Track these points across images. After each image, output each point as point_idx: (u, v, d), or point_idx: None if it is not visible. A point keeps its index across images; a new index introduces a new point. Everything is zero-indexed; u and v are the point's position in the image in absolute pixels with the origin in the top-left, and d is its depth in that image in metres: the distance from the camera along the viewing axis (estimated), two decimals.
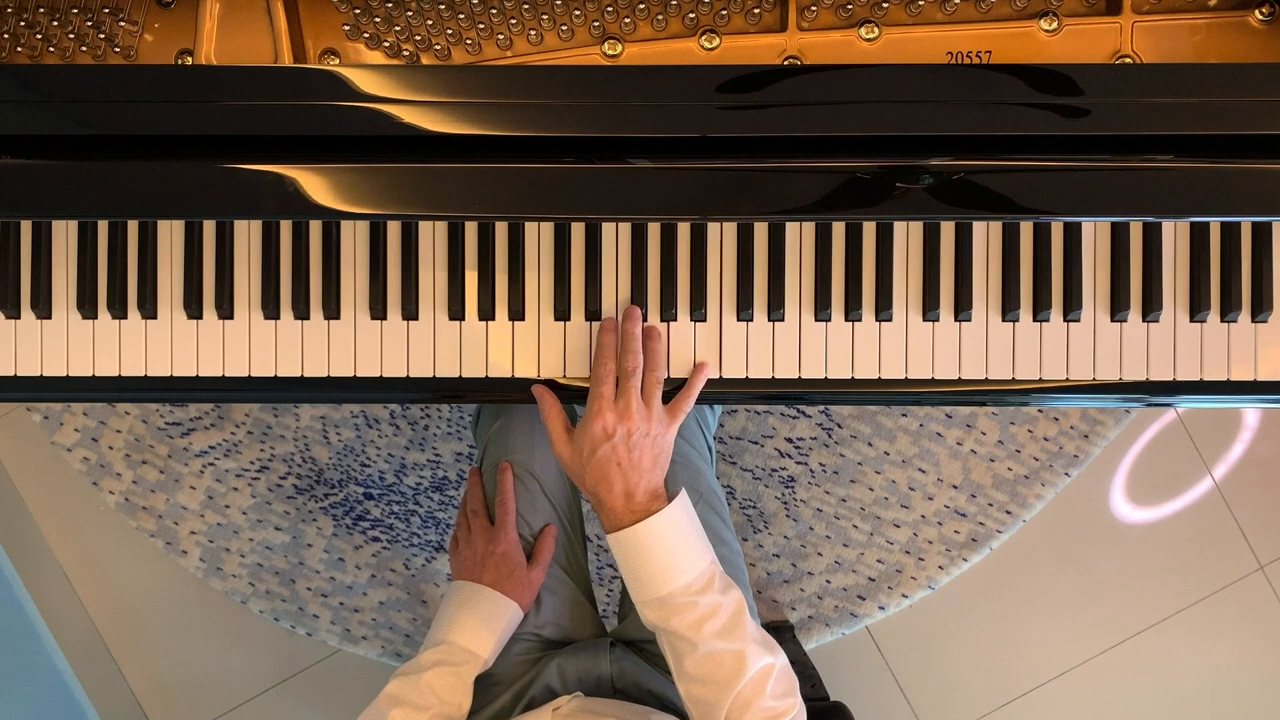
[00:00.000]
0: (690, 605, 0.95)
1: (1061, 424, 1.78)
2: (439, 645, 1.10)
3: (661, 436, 0.98)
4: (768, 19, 1.00)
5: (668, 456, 0.99)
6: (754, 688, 0.93)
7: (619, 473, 0.96)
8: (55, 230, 1.03)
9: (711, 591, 0.96)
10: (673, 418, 1.00)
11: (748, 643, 0.95)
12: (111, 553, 1.83)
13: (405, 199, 0.90)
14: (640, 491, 0.96)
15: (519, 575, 1.16)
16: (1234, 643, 1.84)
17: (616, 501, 0.96)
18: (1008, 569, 1.82)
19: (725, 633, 0.95)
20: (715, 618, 0.95)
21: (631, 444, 0.96)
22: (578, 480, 1.00)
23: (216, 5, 0.99)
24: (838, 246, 1.02)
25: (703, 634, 0.94)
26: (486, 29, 0.99)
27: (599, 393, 0.97)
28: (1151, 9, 0.99)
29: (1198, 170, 0.88)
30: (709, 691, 0.94)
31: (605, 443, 0.96)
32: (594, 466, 0.96)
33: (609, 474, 0.96)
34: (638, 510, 0.96)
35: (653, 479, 0.97)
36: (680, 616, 0.95)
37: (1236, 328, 1.02)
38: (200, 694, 1.86)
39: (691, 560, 0.96)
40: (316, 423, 1.78)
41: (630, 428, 0.96)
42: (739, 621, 0.95)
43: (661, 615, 0.96)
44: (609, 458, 0.96)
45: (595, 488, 0.97)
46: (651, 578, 0.96)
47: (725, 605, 0.96)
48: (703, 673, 0.94)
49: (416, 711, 1.03)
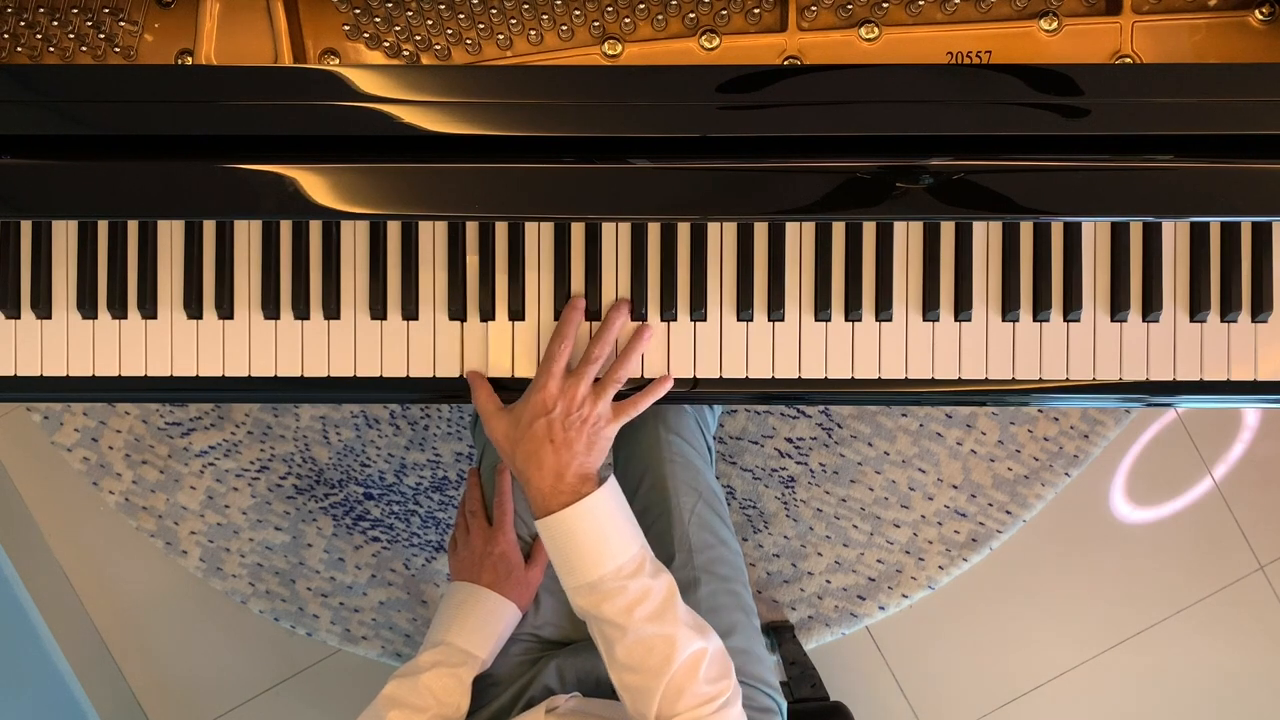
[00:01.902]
0: (620, 590, 0.94)
1: (1061, 424, 1.78)
2: (437, 646, 1.10)
3: (600, 428, 0.96)
4: (768, 19, 1.00)
5: (603, 450, 0.98)
6: (686, 673, 0.92)
7: (550, 450, 0.94)
8: (55, 230, 1.03)
9: (642, 576, 0.95)
10: (617, 417, 0.98)
11: (679, 626, 0.93)
12: (111, 553, 1.83)
13: (405, 199, 0.90)
14: (570, 473, 0.94)
15: (517, 576, 1.16)
16: (1234, 643, 1.84)
17: (545, 481, 0.94)
18: (1007, 569, 1.82)
19: (655, 617, 0.93)
20: (646, 602, 0.93)
21: (568, 423, 0.94)
22: (508, 457, 0.98)
23: (216, 5, 0.99)
24: (838, 246, 1.02)
25: (633, 619, 0.93)
26: (486, 29, 0.99)
27: (550, 369, 0.96)
28: (1151, 9, 0.99)
29: (1198, 170, 0.88)
30: (641, 679, 0.93)
31: (543, 416, 0.94)
32: (527, 440, 0.95)
33: (541, 451, 0.94)
34: (566, 492, 0.94)
35: (584, 463, 0.95)
36: (611, 602, 0.94)
37: (1236, 328, 1.02)
38: (200, 694, 1.86)
39: (621, 545, 0.95)
40: (316, 423, 1.78)
41: (570, 407, 0.95)
42: (670, 605, 0.94)
43: (592, 601, 0.95)
44: (543, 433, 0.94)
45: (525, 464, 0.95)
46: (581, 563, 0.95)
47: (656, 589, 0.94)
48: (634, 659, 0.93)
49: (414, 713, 1.04)
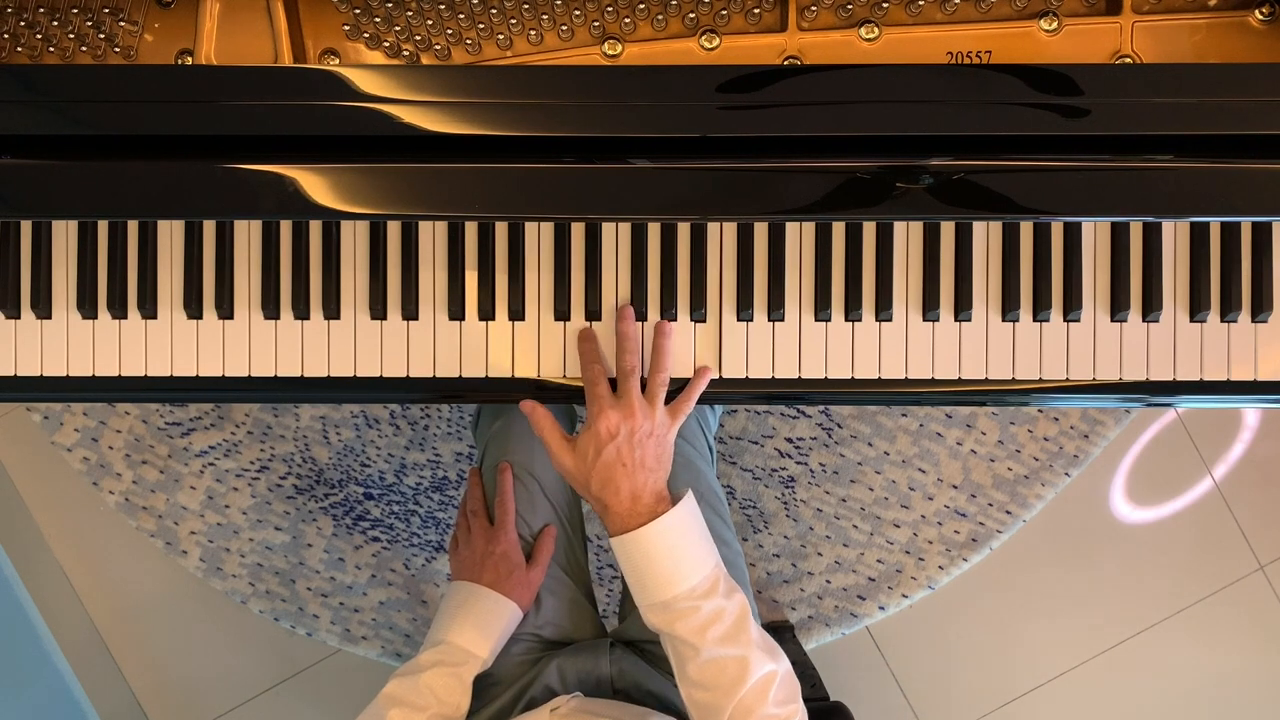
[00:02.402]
0: (694, 610, 0.94)
1: (1061, 424, 1.78)
2: (438, 645, 1.10)
3: (664, 437, 0.97)
4: (768, 19, 1.00)
5: (670, 457, 0.99)
6: (756, 695, 0.92)
7: (625, 474, 0.95)
8: (55, 230, 1.03)
9: (715, 596, 0.95)
10: (674, 418, 0.99)
11: (751, 648, 0.94)
12: (111, 553, 1.83)
13: (405, 199, 0.90)
14: (646, 493, 0.96)
15: (518, 575, 1.16)
16: (1234, 643, 1.84)
17: (623, 505, 0.95)
18: (1008, 569, 1.82)
19: (729, 639, 0.94)
20: (719, 623, 0.94)
21: (635, 442, 0.95)
22: (582, 489, 0.99)
23: (216, 5, 0.99)
24: (838, 246, 1.02)
25: (706, 639, 0.93)
26: (486, 29, 0.99)
27: (596, 394, 0.97)
28: (1151, 9, 0.99)
29: (1198, 170, 0.88)
30: (711, 697, 0.93)
31: (610, 442, 0.95)
32: (599, 470, 0.96)
33: (615, 476, 0.95)
34: (643, 513, 0.95)
35: (657, 479, 0.97)
36: (684, 621, 0.94)
37: (1236, 328, 1.02)
38: (200, 694, 1.86)
39: (696, 564, 0.96)
40: (316, 423, 1.78)
41: (634, 426, 0.95)
42: (743, 627, 0.95)
43: (665, 620, 0.96)
44: (614, 459, 0.95)
45: (601, 493, 0.96)
46: (656, 582, 0.95)
47: (729, 610, 0.95)
48: (705, 678, 0.94)
49: (414, 712, 1.03)
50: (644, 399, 0.97)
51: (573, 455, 0.98)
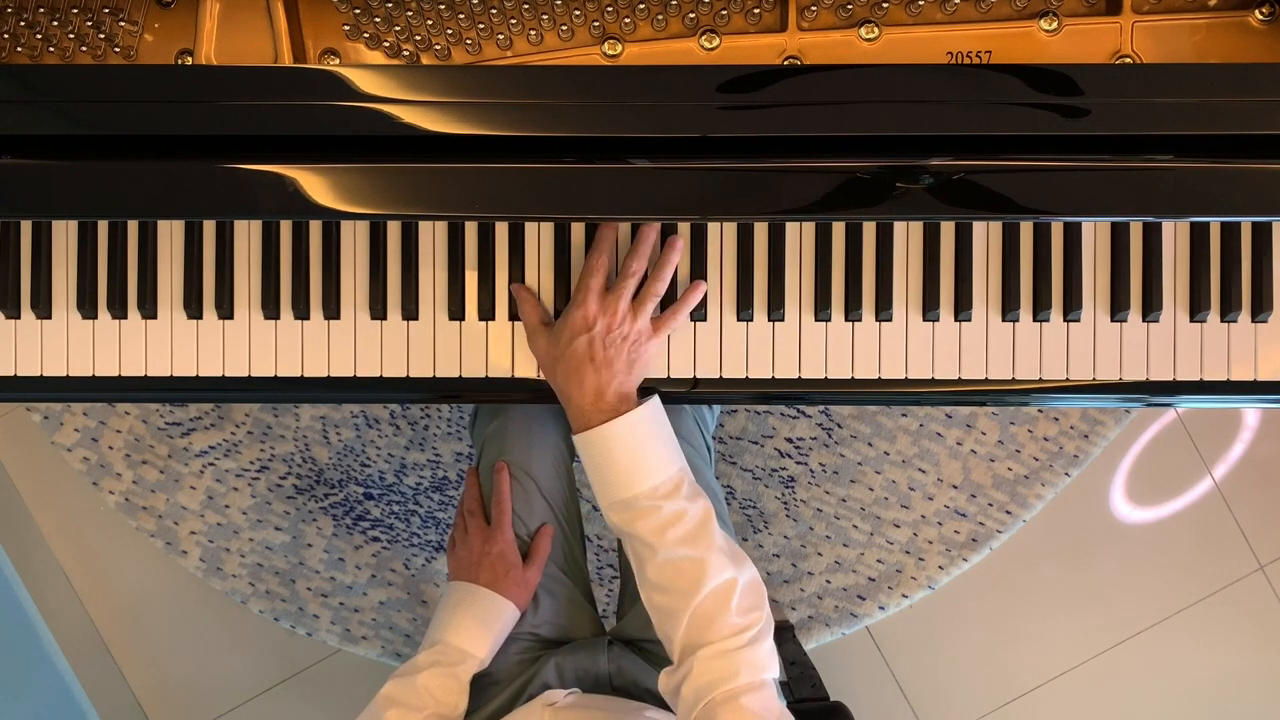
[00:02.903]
0: (654, 510, 0.94)
1: (1061, 424, 1.78)
2: (435, 646, 1.10)
3: (641, 344, 0.97)
4: (768, 19, 1.00)
5: (644, 367, 0.98)
6: (715, 601, 0.92)
7: (591, 369, 0.95)
8: (55, 230, 1.03)
9: (678, 498, 0.95)
10: (657, 331, 0.98)
11: (711, 551, 0.93)
12: (111, 553, 1.83)
13: (405, 199, 0.90)
14: (610, 392, 0.95)
15: (515, 575, 1.16)
16: (1234, 643, 1.84)
17: (586, 399, 0.95)
18: (1008, 569, 1.82)
19: (688, 540, 0.93)
20: (679, 524, 0.93)
21: (608, 341, 0.95)
22: (549, 374, 0.99)
23: (216, 5, 0.99)
24: (838, 246, 1.02)
25: (665, 540, 0.93)
26: (486, 29, 0.99)
27: (588, 284, 0.96)
28: (1151, 9, 0.99)
29: (1198, 170, 0.88)
30: (669, 600, 0.93)
31: (584, 334, 0.95)
32: (567, 358, 0.95)
33: (581, 369, 0.95)
34: (606, 410, 0.95)
35: (625, 382, 0.96)
36: (644, 520, 0.94)
37: (1236, 328, 1.02)
38: (200, 694, 1.86)
39: (659, 465, 0.95)
40: (316, 423, 1.78)
41: (611, 323, 0.95)
42: (704, 531, 0.94)
43: (625, 518, 0.95)
44: (584, 352, 0.95)
45: (565, 383, 0.96)
46: (615, 480, 0.95)
47: (691, 512, 0.94)
48: (663, 580, 0.93)
49: (412, 712, 1.03)
50: (630, 303, 0.97)
51: (546, 337, 0.98)
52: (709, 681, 0.90)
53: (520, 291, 1.02)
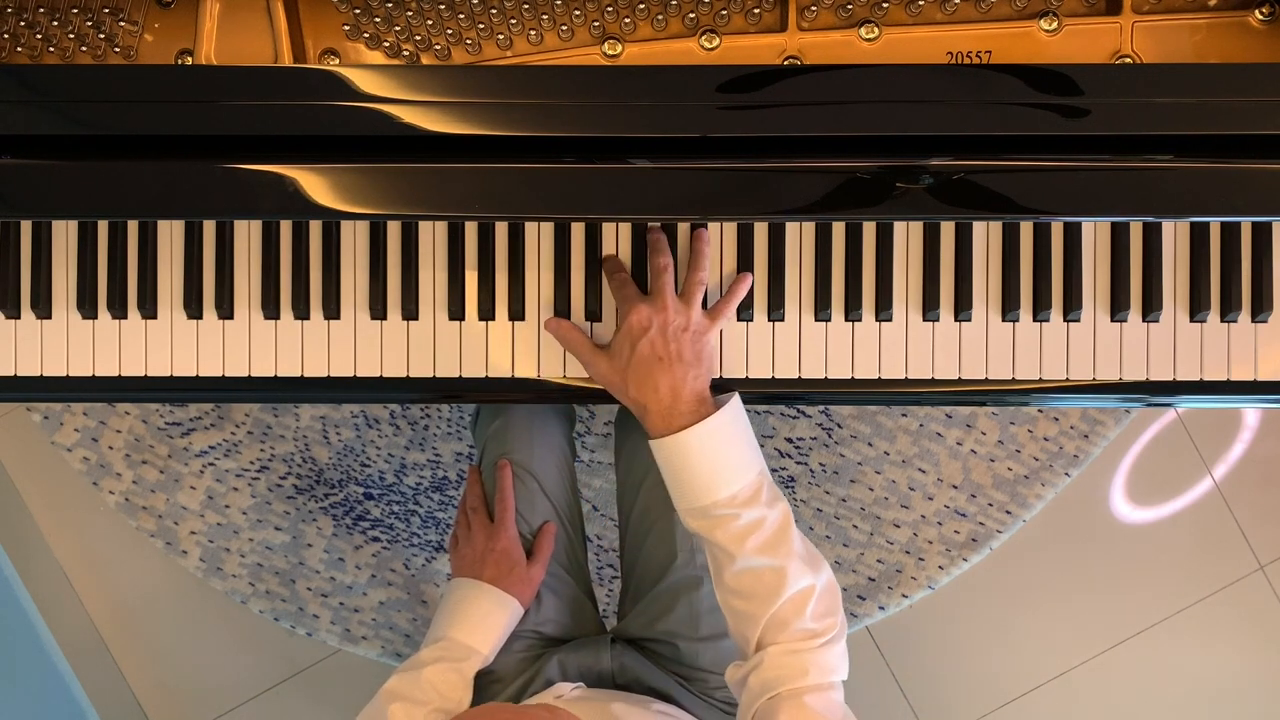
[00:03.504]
0: (733, 518, 0.91)
1: (1061, 424, 1.78)
2: (439, 642, 1.10)
3: (702, 334, 0.94)
4: (768, 19, 1.00)
5: (711, 360, 0.96)
6: (793, 607, 0.91)
7: (662, 368, 0.92)
8: (55, 230, 1.03)
9: (757, 505, 0.92)
10: (713, 320, 0.96)
11: (790, 559, 0.91)
12: (111, 553, 1.83)
13: (405, 199, 0.90)
14: (686, 391, 0.92)
15: (519, 572, 1.16)
16: (1234, 643, 1.84)
17: (662, 403, 0.92)
18: (1008, 569, 1.82)
19: (768, 548, 0.91)
20: (758, 532, 0.91)
21: (670, 335, 0.92)
22: (620, 393, 0.96)
23: (216, 5, 0.99)
24: (838, 246, 1.02)
25: (744, 548, 0.91)
26: (486, 29, 0.99)
27: (625, 294, 0.95)
28: (1151, 9, 0.99)
29: (1198, 170, 0.88)
30: (747, 605, 0.92)
31: (643, 336, 0.92)
32: (635, 367, 0.93)
33: (652, 371, 0.92)
34: (684, 413, 0.92)
35: (698, 377, 0.94)
36: (722, 528, 0.92)
37: (1236, 328, 1.02)
38: (200, 694, 1.86)
39: (738, 471, 0.92)
40: (316, 423, 1.78)
41: (666, 319, 0.93)
42: (784, 537, 0.92)
43: (703, 525, 0.93)
44: (649, 354, 0.92)
45: (639, 393, 0.93)
46: (694, 487, 0.93)
47: (770, 519, 0.92)
48: (742, 586, 0.92)
49: (416, 706, 1.03)
50: (677, 296, 0.95)
51: (606, 358, 0.95)
52: (777, 676, 0.90)
53: (558, 327, 0.99)
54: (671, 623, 1.17)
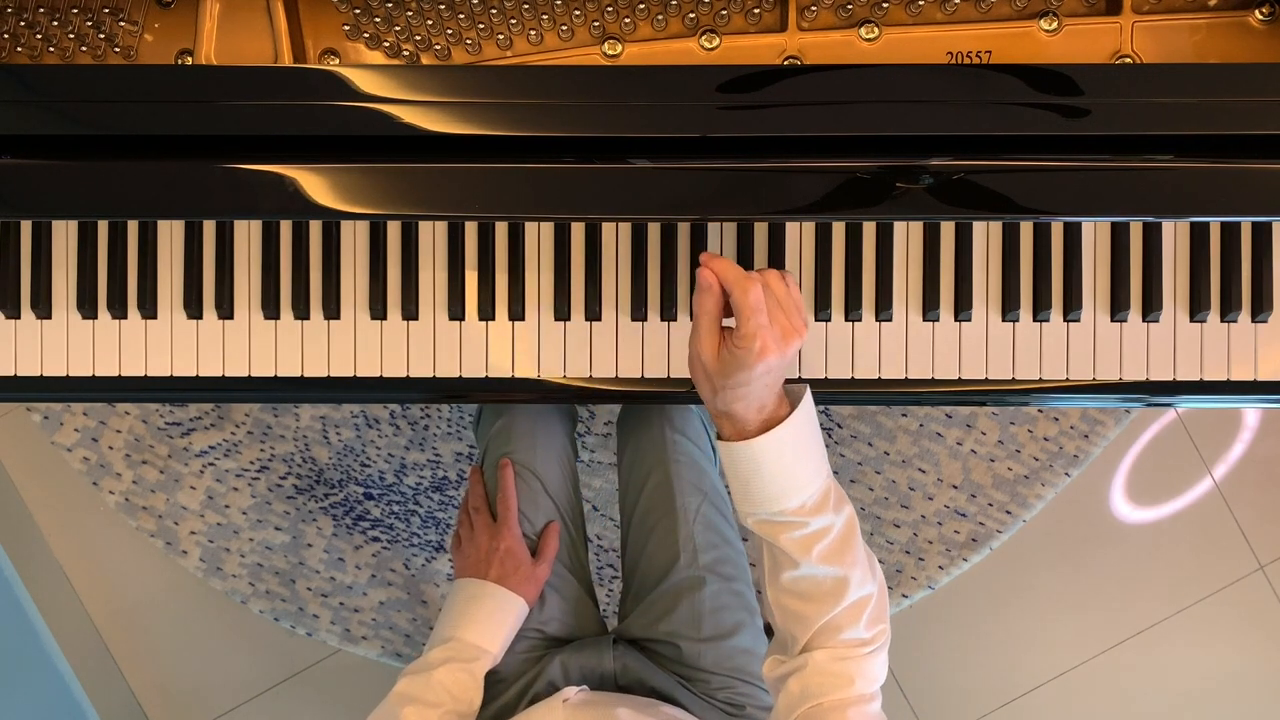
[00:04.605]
0: (801, 525, 0.88)
1: (1061, 424, 1.78)
2: (448, 642, 1.10)
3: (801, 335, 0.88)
4: (768, 19, 1.00)
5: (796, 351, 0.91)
6: (849, 615, 0.89)
7: (767, 394, 0.88)
8: (55, 230, 1.03)
9: (825, 511, 0.89)
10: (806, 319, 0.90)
11: (854, 569, 0.88)
12: (111, 553, 1.83)
13: (405, 199, 0.90)
14: (770, 397, 0.88)
15: (525, 571, 1.16)
16: (1234, 643, 1.84)
17: (750, 413, 0.87)
18: (1008, 569, 1.82)
19: (833, 555, 0.88)
20: (824, 539, 0.88)
21: (785, 367, 0.88)
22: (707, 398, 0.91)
23: (216, 5, 0.99)
24: (838, 246, 1.02)
25: (810, 555, 0.88)
26: (486, 29, 0.99)
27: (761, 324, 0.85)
28: (1151, 9, 0.99)
29: (1198, 170, 0.88)
30: (803, 607, 0.89)
31: (764, 377, 0.87)
32: (742, 394, 0.87)
33: (757, 397, 0.87)
34: (765, 419, 0.88)
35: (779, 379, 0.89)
36: (788, 534, 0.88)
37: (1236, 328, 1.02)
38: (200, 694, 1.86)
39: (809, 477, 0.88)
40: (316, 423, 1.78)
41: (790, 353, 0.87)
42: (849, 544, 0.89)
43: (769, 530, 0.90)
44: (761, 388, 0.87)
45: (731, 406, 0.88)
46: (763, 494, 0.88)
47: (837, 526, 0.89)
48: (800, 589, 0.89)
49: (428, 709, 1.03)
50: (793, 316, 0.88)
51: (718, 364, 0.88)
52: (820, 685, 0.88)
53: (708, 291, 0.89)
54: (674, 623, 1.17)
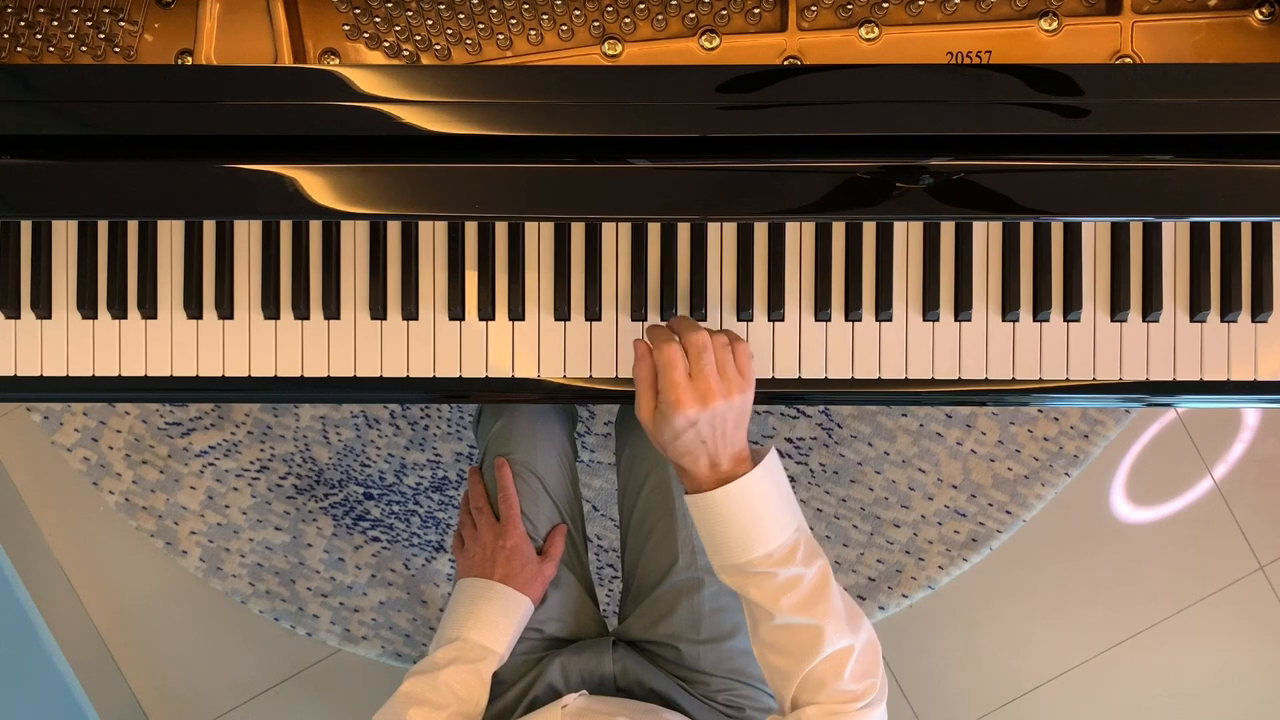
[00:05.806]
0: (769, 576, 0.90)
1: (1061, 424, 1.78)
2: (453, 642, 1.09)
3: (744, 400, 0.91)
4: (768, 19, 1.00)
5: (748, 413, 0.93)
6: (830, 668, 0.89)
7: (704, 449, 0.90)
8: (55, 230, 1.03)
9: (793, 564, 0.90)
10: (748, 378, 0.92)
11: (828, 619, 0.90)
12: (111, 553, 1.83)
13: (405, 199, 0.90)
14: (725, 458, 0.91)
15: (530, 569, 1.16)
16: (1234, 643, 1.84)
17: (701, 470, 0.91)
18: (1007, 569, 1.82)
19: (804, 606, 0.90)
20: (794, 590, 0.90)
21: (716, 422, 0.90)
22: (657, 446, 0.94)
23: (216, 5, 0.99)
24: (838, 246, 1.02)
25: (780, 606, 0.90)
26: (486, 29, 0.99)
27: (673, 380, 0.88)
28: (1151, 9, 0.99)
29: (1198, 170, 0.88)
30: (784, 661, 0.91)
31: (689, 430, 0.89)
32: (678, 447, 0.90)
33: (694, 451, 0.90)
34: (722, 475, 0.91)
35: (737, 439, 0.92)
36: (758, 586, 0.91)
37: (1236, 328, 1.02)
38: (200, 694, 1.86)
39: (774, 529, 0.91)
40: (316, 423, 1.78)
41: (714, 409, 0.89)
42: (821, 595, 0.91)
43: (738, 582, 0.92)
44: (694, 440, 0.90)
45: (678, 459, 0.92)
46: (729, 544, 0.91)
47: (807, 578, 0.91)
48: (777, 642, 0.91)
49: (435, 710, 1.02)
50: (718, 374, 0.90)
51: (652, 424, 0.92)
52: None
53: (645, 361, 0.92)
54: (673, 625, 1.17)
